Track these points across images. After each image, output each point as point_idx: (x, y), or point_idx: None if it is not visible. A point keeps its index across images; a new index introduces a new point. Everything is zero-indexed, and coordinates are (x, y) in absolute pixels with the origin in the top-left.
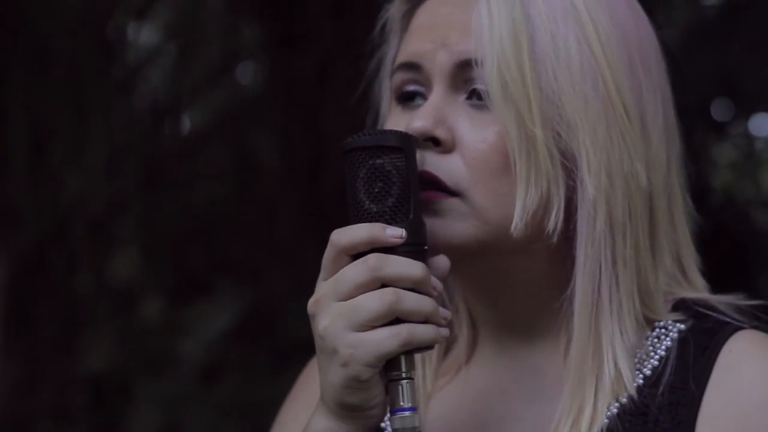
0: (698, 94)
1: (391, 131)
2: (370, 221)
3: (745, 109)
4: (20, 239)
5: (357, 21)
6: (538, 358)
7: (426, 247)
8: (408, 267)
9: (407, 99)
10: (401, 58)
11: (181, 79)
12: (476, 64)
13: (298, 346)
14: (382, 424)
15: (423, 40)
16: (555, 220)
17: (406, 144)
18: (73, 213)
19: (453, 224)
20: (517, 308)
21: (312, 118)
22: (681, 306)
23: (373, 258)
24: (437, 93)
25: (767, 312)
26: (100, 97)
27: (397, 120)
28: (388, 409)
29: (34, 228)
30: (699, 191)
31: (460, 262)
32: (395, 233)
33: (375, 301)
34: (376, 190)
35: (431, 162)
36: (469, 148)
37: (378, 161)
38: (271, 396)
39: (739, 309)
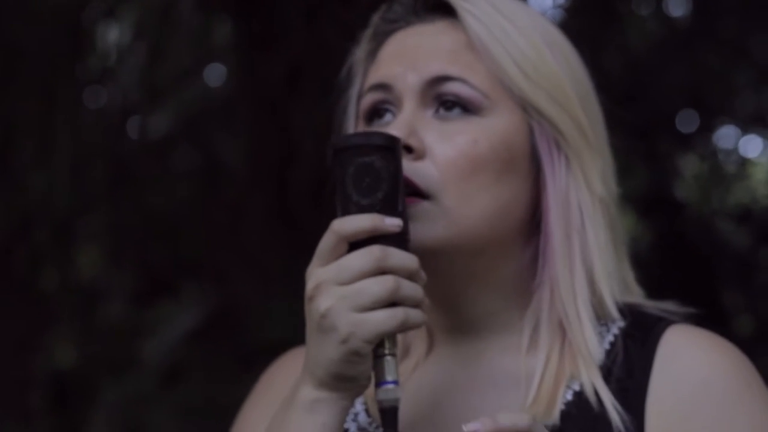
0: (664, 106)
1: (378, 132)
2: (361, 213)
3: (711, 121)
4: None
5: (328, 24)
6: (491, 354)
7: (410, 238)
8: (406, 259)
9: (377, 116)
10: (372, 81)
11: (149, 80)
12: (446, 79)
13: (262, 348)
14: (346, 425)
15: (393, 65)
16: (520, 217)
17: (393, 143)
18: (38, 212)
19: (424, 227)
20: (474, 311)
21: (281, 121)
22: (619, 306)
23: (377, 249)
24: (408, 109)
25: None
26: (68, 96)
27: None
28: (373, 382)
29: None
30: (664, 202)
31: (428, 267)
32: (394, 222)
33: (378, 287)
34: (364, 185)
35: (405, 167)
36: (439, 155)
37: (367, 159)
38: (234, 397)
39: (670, 312)
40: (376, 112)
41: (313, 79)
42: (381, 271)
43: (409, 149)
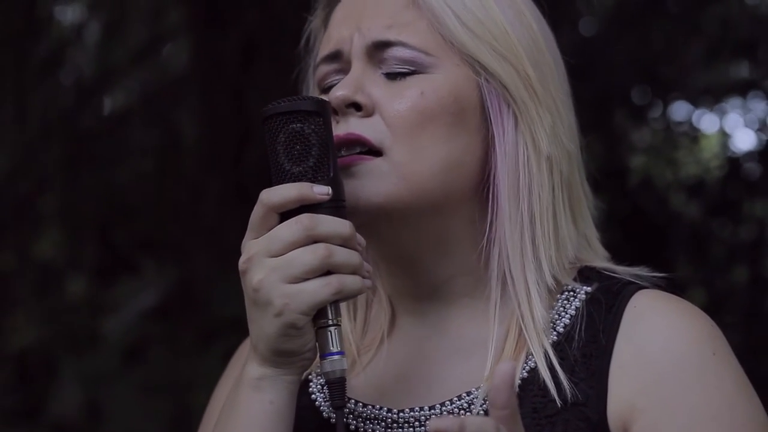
0: (619, 81)
1: (306, 97)
2: (293, 182)
3: (664, 95)
4: None
5: (282, 4)
6: (455, 323)
7: (345, 203)
8: (338, 225)
9: (330, 87)
10: (322, 52)
11: (106, 58)
12: (386, 45)
13: (222, 325)
14: (313, 396)
15: (340, 30)
16: (472, 173)
17: (322, 108)
18: None
19: (374, 184)
20: (434, 274)
21: (236, 99)
22: (586, 272)
23: (306, 218)
24: (357, 67)
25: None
26: (25, 75)
27: None
28: (318, 354)
29: None
30: (619, 174)
31: (380, 226)
32: (322, 191)
33: (309, 256)
34: (295, 152)
35: (356, 125)
36: (389, 110)
37: (296, 126)
38: (195, 374)
39: (640, 278)
40: (329, 88)
41: (266, 57)
42: (312, 240)
43: (357, 106)
